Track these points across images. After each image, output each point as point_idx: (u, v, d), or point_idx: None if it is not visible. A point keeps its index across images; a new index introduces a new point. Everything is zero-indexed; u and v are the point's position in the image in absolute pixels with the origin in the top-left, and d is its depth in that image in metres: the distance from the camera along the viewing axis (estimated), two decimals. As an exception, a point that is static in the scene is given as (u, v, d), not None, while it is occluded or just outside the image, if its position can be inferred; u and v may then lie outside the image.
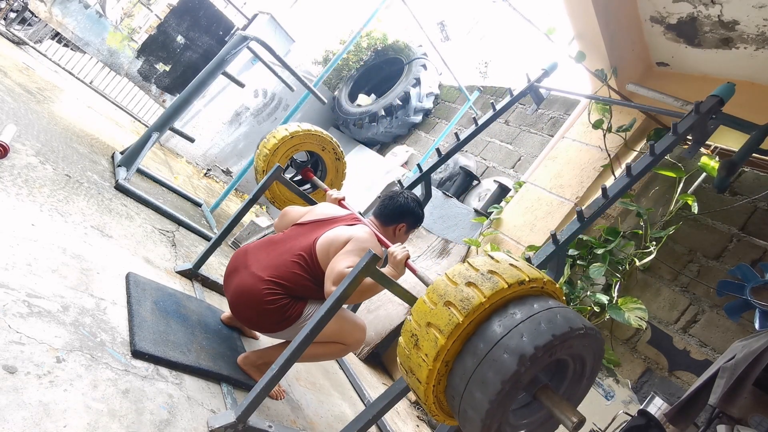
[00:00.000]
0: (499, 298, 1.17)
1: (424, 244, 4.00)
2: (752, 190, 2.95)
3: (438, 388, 1.22)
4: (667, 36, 2.88)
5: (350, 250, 1.82)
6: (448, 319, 1.16)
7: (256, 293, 1.82)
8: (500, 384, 1.07)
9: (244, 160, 6.04)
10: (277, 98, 6.07)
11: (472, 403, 1.12)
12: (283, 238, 2.03)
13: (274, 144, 2.67)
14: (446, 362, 1.18)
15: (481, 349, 1.13)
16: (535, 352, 1.07)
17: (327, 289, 1.73)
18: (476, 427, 1.13)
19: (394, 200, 2.13)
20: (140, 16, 7.04)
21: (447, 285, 1.23)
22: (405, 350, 1.26)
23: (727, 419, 1.86)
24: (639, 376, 2.81)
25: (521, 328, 1.11)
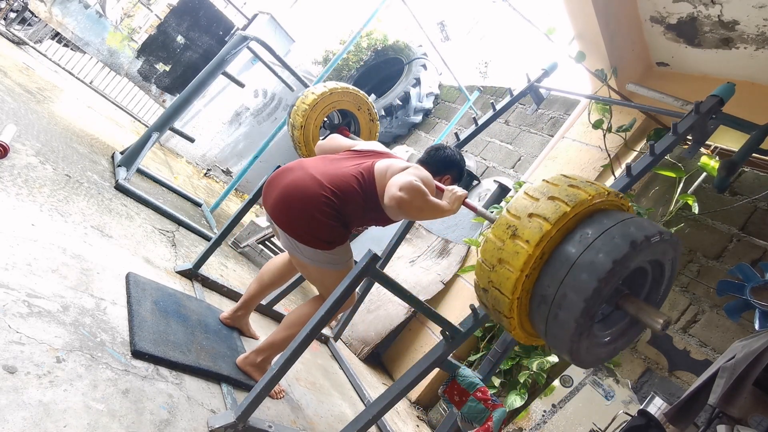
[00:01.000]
0: (600, 200, 1.25)
1: (424, 244, 4.00)
2: (752, 190, 2.96)
3: (527, 282, 1.22)
4: (667, 36, 2.88)
5: (413, 172, 1.81)
6: (555, 209, 1.21)
7: (314, 195, 1.76)
8: (611, 264, 1.12)
9: (244, 160, 6.03)
10: (277, 98, 6.07)
11: (576, 285, 1.15)
12: (341, 156, 2.01)
13: (314, 99, 2.62)
14: (544, 252, 1.21)
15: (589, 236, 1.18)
16: (643, 240, 1.14)
17: (391, 192, 1.69)
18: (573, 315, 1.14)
19: (440, 151, 2.12)
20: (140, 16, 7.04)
21: (547, 186, 1.29)
22: (496, 243, 1.27)
23: (727, 419, 1.86)
24: (639, 376, 2.81)
25: (626, 223, 1.19)
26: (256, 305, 2.30)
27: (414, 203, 1.68)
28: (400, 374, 3.01)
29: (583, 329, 1.16)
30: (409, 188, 1.67)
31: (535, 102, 3.08)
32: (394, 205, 1.68)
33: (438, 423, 3.01)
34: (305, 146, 2.72)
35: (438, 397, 3.14)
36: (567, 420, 2.61)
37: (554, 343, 1.24)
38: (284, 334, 1.92)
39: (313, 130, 2.68)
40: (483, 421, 1.75)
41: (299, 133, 2.66)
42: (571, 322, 1.15)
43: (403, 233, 2.80)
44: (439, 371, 2.75)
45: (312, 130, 2.67)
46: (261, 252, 3.66)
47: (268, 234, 3.69)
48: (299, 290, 3.67)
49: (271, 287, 2.23)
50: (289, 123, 2.72)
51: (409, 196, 1.66)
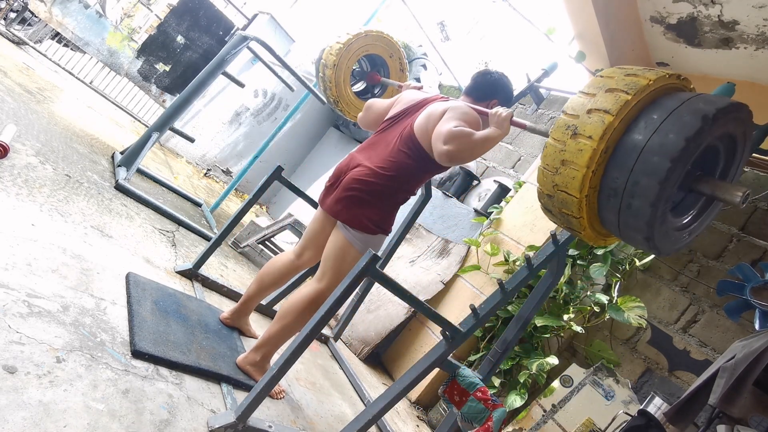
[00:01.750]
0: (661, 84, 1.20)
1: (424, 244, 4.00)
2: (752, 190, 2.96)
3: (594, 179, 1.21)
4: (667, 36, 2.88)
5: (450, 116, 1.81)
6: (615, 100, 1.18)
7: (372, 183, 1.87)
8: (684, 141, 1.09)
9: (244, 160, 6.04)
10: (277, 98, 6.07)
11: (648, 170, 1.12)
12: (381, 137, 2.04)
13: (349, 39, 2.58)
14: (608, 147, 1.18)
15: (656, 119, 1.15)
16: (716, 113, 1.10)
17: (438, 149, 1.73)
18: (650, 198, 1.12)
19: (486, 76, 2.11)
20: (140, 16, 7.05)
21: (604, 80, 1.26)
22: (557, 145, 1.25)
23: (727, 419, 1.86)
24: (639, 376, 2.81)
25: (694, 101, 1.14)
26: (256, 305, 2.30)
27: (464, 149, 1.70)
28: (400, 374, 3.01)
29: (658, 214, 1.13)
30: (451, 137, 1.70)
31: (535, 102, 3.08)
32: (446, 160, 1.73)
33: (438, 423, 3.01)
34: (335, 87, 2.67)
35: (438, 397, 3.14)
36: (567, 420, 2.61)
37: (628, 234, 1.21)
38: (279, 325, 1.92)
39: (345, 71, 2.64)
40: (483, 421, 1.75)
41: (331, 72, 2.61)
42: (647, 207, 1.12)
43: (403, 233, 2.80)
44: (439, 371, 2.75)
45: (344, 71, 2.64)
46: (261, 252, 3.66)
47: (268, 234, 3.69)
48: (299, 290, 3.67)
49: (271, 288, 2.23)
50: (321, 63, 2.66)
51: (455, 146, 1.69)
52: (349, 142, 6.24)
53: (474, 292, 3.36)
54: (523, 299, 3.02)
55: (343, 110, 2.76)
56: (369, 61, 2.85)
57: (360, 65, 2.86)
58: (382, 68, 2.86)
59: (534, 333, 3.06)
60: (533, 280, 2.18)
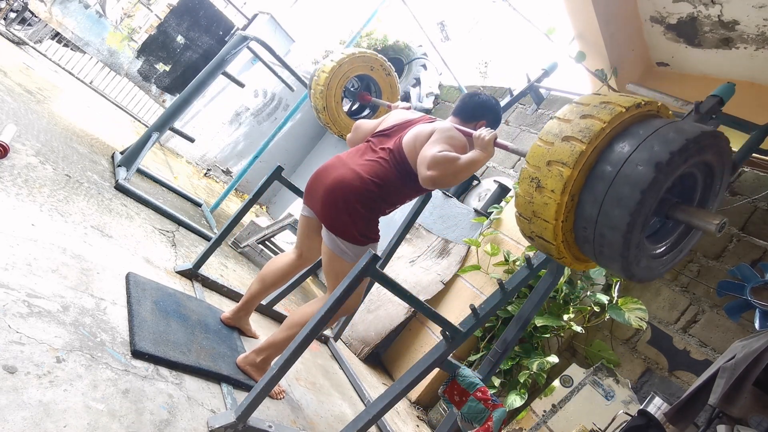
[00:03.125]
0: (618, 122, 1.17)
1: (424, 244, 4.00)
2: (752, 190, 2.96)
3: (566, 225, 1.21)
4: (667, 36, 2.88)
5: (437, 139, 1.83)
6: (570, 151, 1.16)
7: (356, 189, 1.85)
8: (640, 194, 1.07)
9: (244, 160, 6.04)
10: (277, 98, 6.07)
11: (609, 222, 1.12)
12: (369, 146, 2.05)
13: (325, 78, 2.64)
14: (572, 195, 1.18)
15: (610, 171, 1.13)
16: (670, 157, 1.07)
17: (422, 174, 1.74)
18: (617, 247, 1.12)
19: (475, 97, 2.14)
20: (140, 16, 7.05)
21: (560, 124, 1.24)
22: (525, 198, 1.25)
23: (727, 419, 1.86)
24: (639, 376, 2.81)
25: (649, 141, 1.11)
26: (257, 305, 2.30)
27: (447, 173, 1.71)
28: (400, 374, 3.01)
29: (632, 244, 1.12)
30: (435, 163, 1.71)
31: (535, 102, 3.08)
32: (430, 185, 1.74)
33: (438, 423, 3.01)
34: (334, 125, 2.75)
35: (438, 397, 3.14)
36: (567, 420, 2.61)
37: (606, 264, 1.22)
38: (285, 334, 1.92)
39: (335, 106, 2.71)
40: (483, 421, 1.75)
41: (324, 115, 2.69)
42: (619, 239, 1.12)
43: (403, 233, 2.80)
44: (439, 371, 2.75)
45: (334, 107, 2.70)
46: (261, 252, 3.66)
47: (268, 234, 3.69)
48: (299, 290, 3.67)
49: (273, 287, 2.23)
50: (312, 107, 2.76)
51: (439, 172, 1.70)
52: (349, 142, 6.24)
53: (474, 292, 3.36)
54: (523, 299, 3.02)
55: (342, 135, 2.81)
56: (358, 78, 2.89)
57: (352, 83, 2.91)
58: (371, 82, 2.94)
59: (534, 333, 3.06)
60: (533, 280, 2.17)
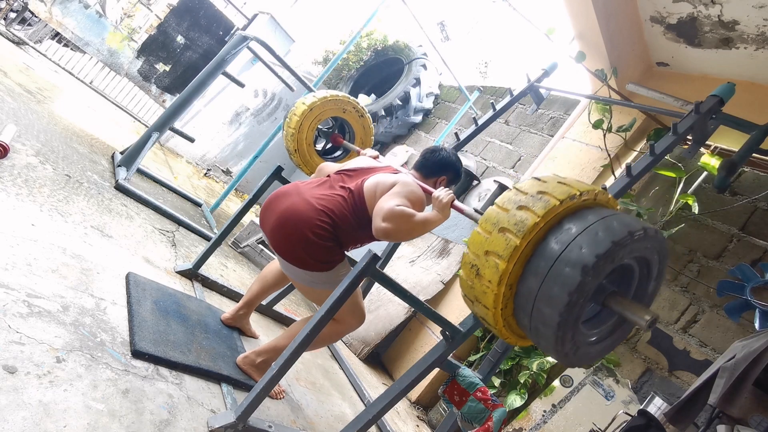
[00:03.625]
0: (552, 215, 1.18)
1: (424, 244, 4.00)
2: (752, 190, 2.96)
3: (506, 311, 1.23)
4: (667, 36, 2.88)
5: (397, 192, 1.82)
6: (506, 244, 1.17)
7: (307, 219, 1.79)
8: (567, 296, 1.09)
9: (244, 160, 6.04)
10: (277, 98, 6.07)
11: (542, 319, 1.14)
12: (330, 179, 2.03)
13: (297, 121, 2.66)
14: (510, 285, 1.19)
15: (543, 267, 1.15)
16: (596, 260, 1.08)
17: (376, 225, 1.72)
18: (550, 341, 1.14)
19: (436, 154, 2.14)
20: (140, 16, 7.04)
21: (499, 213, 1.24)
22: (467, 282, 1.27)
23: (727, 419, 1.86)
24: (639, 376, 2.81)
25: (579, 240, 1.12)
26: (257, 305, 2.30)
27: (401, 229, 1.69)
28: (400, 374, 3.01)
29: (565, 338, 1.15)
30: (392, 216, 1.68)
31: (535, 102, 3.08)
32: (382, 236, 1.70)
33: (438, 423, 3.01)
34: (306, 166, 2.78)
35: (438, 397, 3.14)
36: (567, 420, 2.61)
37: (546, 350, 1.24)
38: (289, 340, 1.92)
39: (307, 148, 2.74)
40: (483, 421, 1.75)
41: (296, 157, 2.73)
42: (551, 335, 1.14)
43: (403, 233, 2.80)
44: (439, 371, 2.75)
45: (306, 149, 2.73)
46: (261, 252, 3.66)
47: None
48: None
49: (274, 287, 2.24)
50: (286, 148, 2.79)
51: (394, 225, 1.68)
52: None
53: (474, 292, 3.36)
54: (523, 299, 3.02)
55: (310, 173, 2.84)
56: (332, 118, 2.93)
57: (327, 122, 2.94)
58: (345, 123, 2.97)
59: (534, 333, 3.06)
60: (533, 281, 2.17)
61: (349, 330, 1.98)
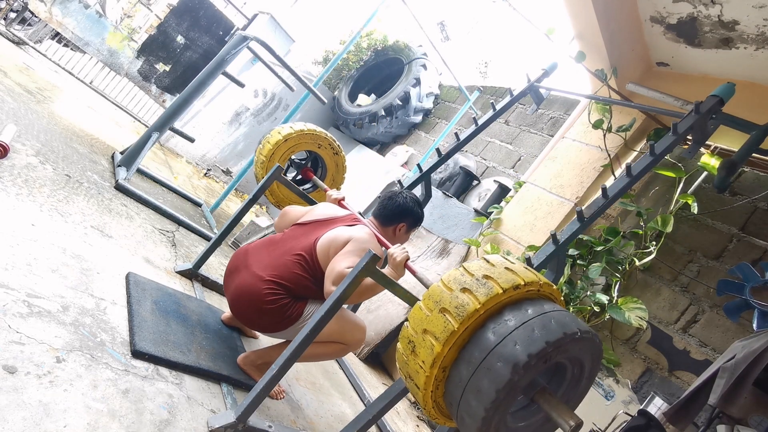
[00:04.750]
0: (493, 303, 1.16)
1: (424, 244, 4.00)
2: (752, 190, 2.96)
3: (437, 393, 1.22)
4: (667, 36, 2.88)
5: (350, 250, 1.82)
6: (444, 326, 1.16)
7: (256, 293, 1.82)
8: (494, 393, 1.08)
9: (244, 160, 6.04)
10: (277, 98, 6.07)
11: (468, 410, 1.13)
12: (284, 238, 2.03)
13: (269, 150, 2.67)
14: (443, 368, 1.18)
15: (476, 357, 1.13)
16: (528, 360, 1.07)
17: (327, 289, 1.73)
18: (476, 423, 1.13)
19: (394, 200, 2.13)
20: (140, 16, 7.04)
21: (443, 291, 1.23)
22: (403, 356, 1.26)
23: (727, 419, 1.86)
24: (639, 376, 2.81)
25: (515, 335, 1.11)
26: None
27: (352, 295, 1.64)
28: (400, 374, 3.01)
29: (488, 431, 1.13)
30: (341, 279, 1.64)
31: (535, 102, 3.08)
32: None
33: (437, 425, 3.01)
34: (271, 195, 2.79)
35: (438, 397, 3.13)
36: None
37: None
38: None
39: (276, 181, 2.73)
40: (483, 421, 1.75)
41: None
42: (474, 427, 1.12)
43: (403, 233, 2.80)
44: (439, 371, 2.75)
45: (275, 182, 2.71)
46: (261, 252, 3.66)
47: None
48: (299, 290, 3.67)
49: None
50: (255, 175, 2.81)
51: None
52: (349, 141, 6.25)
53: (474, 292, 3.36)
54: (523, 299, 3.02)
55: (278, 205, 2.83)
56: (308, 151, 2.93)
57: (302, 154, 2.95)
58: (318, 158, 2.97)
59: (534, 333, 3.05)
60: (533, 281, 2.17)
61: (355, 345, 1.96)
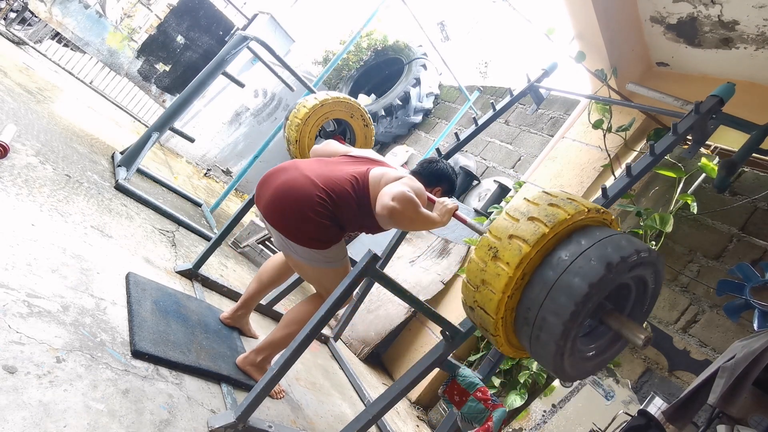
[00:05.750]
0: (580, 218, 1.24)
1: (424, 244, 4.00)
2: (752, 190, 2.96)
3: (511, 301, 1.24)
4: (667, 36, 2.88)
5: (404, 182, 1.83)
6: (534, 230, 1.22)
7: (308, 195, 1.76)
8: (587, 287, 1.13)
9: (244, 160, 6.04)
10: (277, 98, 6.07)
11: (554, 308, 1.16)
12: (335, 161, 2.02)
13: (305, 113, 2.64)
14: (525, 273, 1.22)
15: (565, 260, 1.19)
16: (605, 274, 1.14)
17: (384, 201, 1.70)
18: (555, 334, 1.16)
19: (434, 164, 2.15)
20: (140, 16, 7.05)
21: (528, 205, 1.29)
22: (479, 265, 1.28)
23: (726, 419, 1.86)
24: (639, 376, 2.81)
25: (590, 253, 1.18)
26: (255, 305, 2.30)
27: (406, 213, 1.69)
28: (400, 374, 3.01)
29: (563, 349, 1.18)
30: (401, 198, 1.68)
31: (535, 102, 3.08)
32: (386, 215, 1.68)
33: (438, 423, 3.01)
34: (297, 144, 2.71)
35: (438, 397, 3.14)
36: (567, 420, 2.61)
37: (539, 359, 1.27)
38: (283, 332, 1.93)
39: (308, 143, 2.72)
40: (483, 421, 1.75)
41: (294, 148, 2.70)
42: (552, 343, 1.17)
43: (403, 233, 2.80)
44: (439, 371, 2.75)
45: (307, 143, 2.71)
46: (261, 252, 3.66)
47: (267, 234, 3.69)
48: (299, 290, 3.67)
49: (271, 286, 2.23)
50: (285, 137, 2.76)
51: (401, 206, 1.68)
52: (349, 142, 6.24)
53: (474, 292, 3.36)
54: (523, 299, 3.02)
55: None
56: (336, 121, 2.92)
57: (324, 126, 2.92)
58: (347, 127, 2.95)
59: (534, 333, 3.06)
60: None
61: None
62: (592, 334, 1.38)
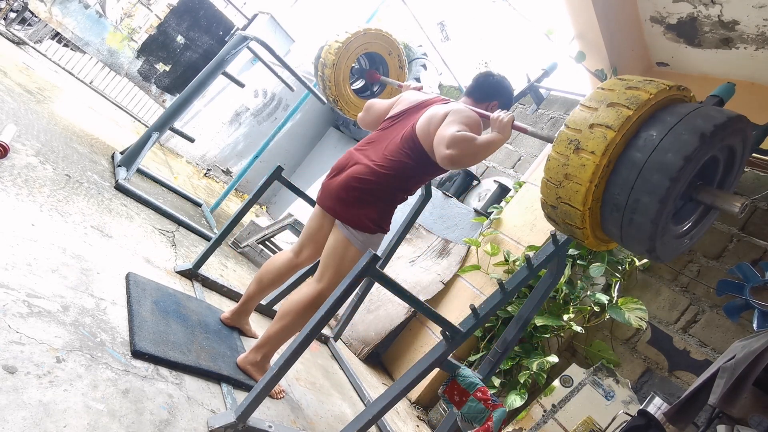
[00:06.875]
0: (663, 97, 1.22)
1: (424, 244, 4.00)
2: (752, 190, 2.96)
3: (597, 191, 1.23)
4: (667, 36, 2.88)
5: (452, 120, 1.81)
6: (617, 115, 1.19)
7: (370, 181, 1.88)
8: (683, 161, 1.11)
9: (244, 160, 6.04)
10: (277, 98, 6.07)
11: (647, 188, 1.15)
12: (381, 136, 2.04)
13: (348, 38, 2.59)
14: (610, 161, 1.20)
15: (653, 139, 1.16)
16: (714, 130, 1.12)
17: (440, 153, 1.73)
18: (650, 213, 1.14)
19: (489, 78, 2.13)
20: (140, 16, 7.05)
21: (605, 93, 1.28)
22: (559, 160, 1.27)
23: (727, 419, 1.86)
24: (639, 376, 2.81)
25: (678, 128, 1.16)
26: (255, 305, 2.30)
27: (466, 153, 1.70)
28: (400, 374, 3.01)
29: (657, 228, 1.16)
30: (454, 142, 1.69)
31: (535, 102, 3.08)
32: (449, 164, 1.72)
33: (438, 423, 3.01)
34: (335, 86, 2.69)
35: (438, 397, 3.14)
36: (567, 420, 2.61)
37: (630, 244, 1.26)
38: (279, 325, 1.92)
39: (345, 70, 2.65)
40: (483, 421, 1.75)
41: (330, 71, 2.62)
42: (648, 224, 1.15)
43: (403, 233, 2.80)
44: (439, 371, 2.75)
45: (343, 70, 2.64)
46: (261, 252, 3.66)
47: (268, 234, 3.69)
48: (299, 290, 3.67)
49: (271, 287, 2.23)
50: (320, 62, 2.68)
51: (458, 150, 1.69)
52: (349, 141, 6.24)
53: (474, 292, 3.36)
54: (523, 299, 3.02)
55: (343, 109, 2.76)
56: (368, 58, 2.84)
57: (359, 63, 2.86)
58: (381, 66, 2.86)
59: (534, 333, 3.06)
60: (533, 280, 2.18)
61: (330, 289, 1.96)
62: (678, 214, 1.36)
